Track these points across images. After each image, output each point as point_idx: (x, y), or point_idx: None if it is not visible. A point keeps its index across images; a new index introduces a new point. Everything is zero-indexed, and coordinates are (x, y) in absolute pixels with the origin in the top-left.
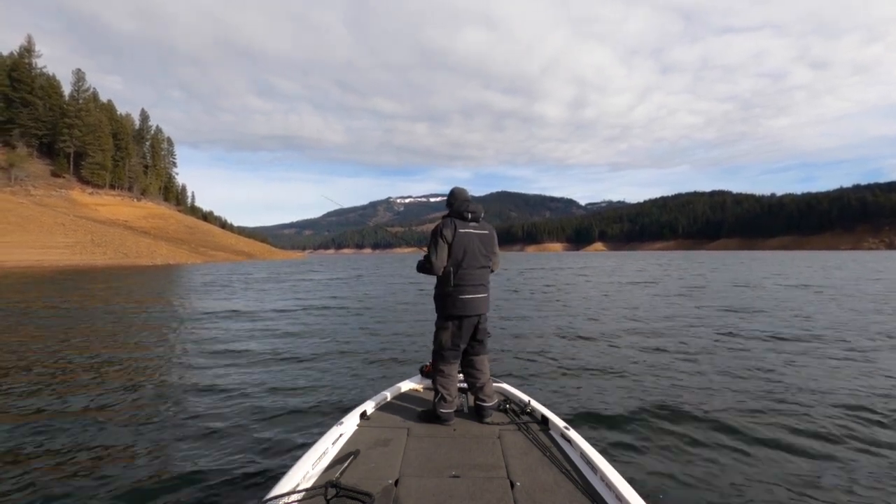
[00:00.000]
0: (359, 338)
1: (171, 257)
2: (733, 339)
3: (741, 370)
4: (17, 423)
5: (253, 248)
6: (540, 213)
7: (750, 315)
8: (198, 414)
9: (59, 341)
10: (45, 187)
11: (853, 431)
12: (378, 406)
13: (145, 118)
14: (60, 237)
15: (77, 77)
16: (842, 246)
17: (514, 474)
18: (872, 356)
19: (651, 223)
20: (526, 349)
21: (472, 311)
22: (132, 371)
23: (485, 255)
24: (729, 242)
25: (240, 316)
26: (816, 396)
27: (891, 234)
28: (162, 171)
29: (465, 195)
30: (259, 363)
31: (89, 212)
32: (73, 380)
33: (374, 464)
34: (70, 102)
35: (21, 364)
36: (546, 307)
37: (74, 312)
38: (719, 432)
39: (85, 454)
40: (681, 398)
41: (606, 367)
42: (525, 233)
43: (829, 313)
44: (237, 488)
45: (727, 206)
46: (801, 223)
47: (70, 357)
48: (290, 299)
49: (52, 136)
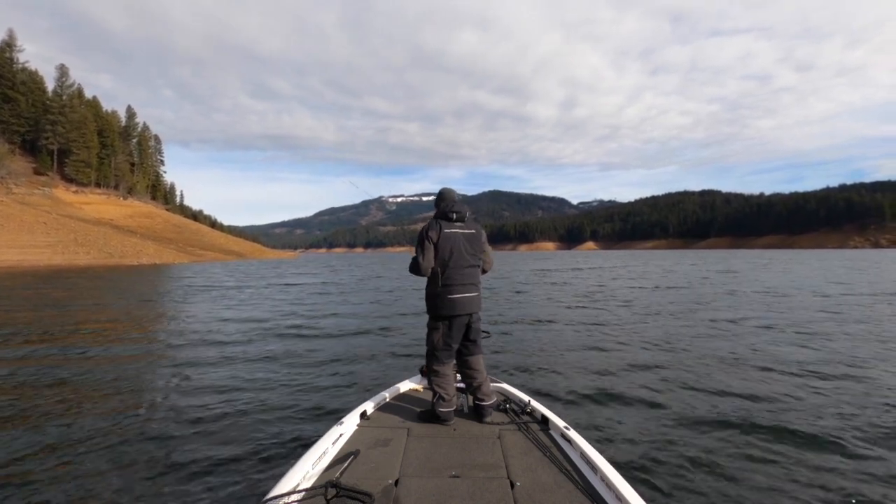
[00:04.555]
0: (359, 337)
1: (157, 257)
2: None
3: (755, 376)
4: (15, 426)
5: (243, 248)
6: (532, 213)
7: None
8: (196, 414)
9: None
10: (27, 185)
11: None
12: (378, 406)
13: (132, 115)
14: (42, 236)
15: (61, 72)
16: (829, 245)
17: (514, 474)
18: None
19: (642, 222)
20: (562, 359)
21: (462, 311)
22: (125, 369)
23: (472, 253)
24: (719, 241)
25: (235, 318)
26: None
27: (876, 233)
28: (149, 169)
29: (452, 196)
30: (259, 363)
31: (73, 210)
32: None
33: (374, 464)
34: (53, 98)
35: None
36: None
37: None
38: (720, 432)
39: (84, 454)
40: (687, 401)
41: (612, 368)
42: (518, 232)
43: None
44: (237, 488)
45: (717, 206)
46: (790, 222)
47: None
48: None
49: (35, 132)
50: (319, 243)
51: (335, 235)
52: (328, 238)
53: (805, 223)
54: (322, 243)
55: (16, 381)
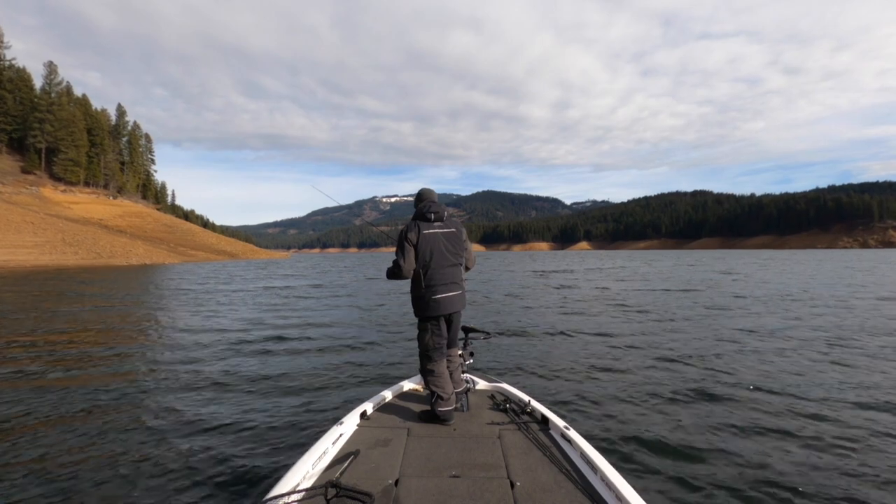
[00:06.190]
0: (359, 337)
1: (147, 257)
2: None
3: (757, 374)
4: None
5: (235, 248)
6: (526, 213)
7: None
8: (196, 414)
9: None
10: (14, 184)
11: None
12: (378, 406)
13: (122, 113)
14: (29, 236)
15: (49, 70)
16: (818, 245)
17: (514, 474)
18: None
19: (635, 223)
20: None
21: (447, 310)
22: (121, 371)
23: (453, 252)
24: (711, 242)
25: (233, 317)
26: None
27: (864, 233)
28: (140, 168)
29: (430, 196)
30: (258, 363)
31: (62, 210)
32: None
33: (374, 464)
34: (41, 96)
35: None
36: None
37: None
38: (721, 434)
39: (82, 455)
40: (689, 401)
41: (612, 368)
42: (511, 232)
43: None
44: (237, 488)
45: (708, 206)
46: (780, 223)
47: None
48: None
49: (23, 130)
50: (313, 243)
51: (329, 235)
52: (322, 238)
53: (795, 224)
54: (315, 243)
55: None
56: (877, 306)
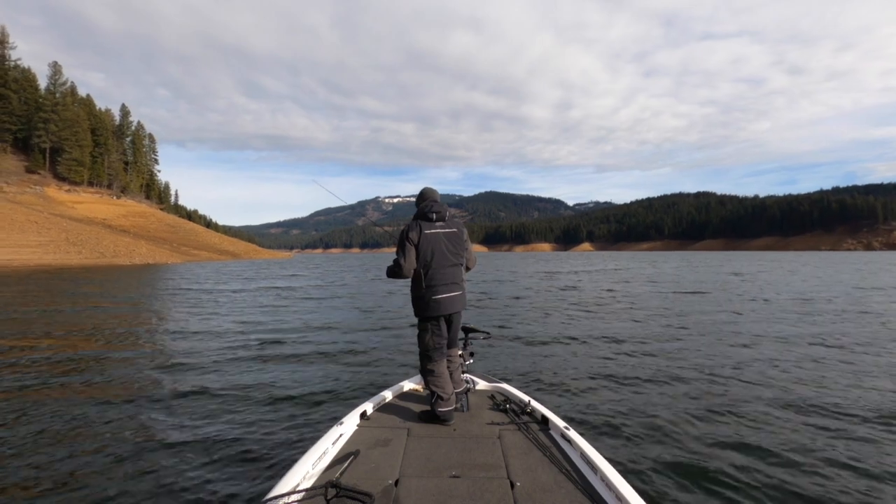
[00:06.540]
0: (358, 338)
1: (150, 257)
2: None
3: (758, 377)
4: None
5: (237, 248)
6: (528, 214)
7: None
8: (196, 414)
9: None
10: (18, 184)
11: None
12: (378, 406)
13: (126, 114)
14: (33, 235)
15: (54, 70)
16: (822, 247)
17: (514, 474)
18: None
19: (637, 224)
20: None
21: (447, 310)
22: (122, 371)
23: (454, 252)
24: (714, 243)
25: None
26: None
27: (868, 235)
28: (143, 168)
29: (433, 196)
30: (256, 364)
31: (65, 209)
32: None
33: (374, 464)
34: (46, 96)
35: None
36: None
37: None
38: (721, 433)
39: (82, 455)
40: (690, 402)
41: (614, 370)
42: (514, 233)
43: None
44: (237, 488)
45: (712, 207)
46: (784, 224)
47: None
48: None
49: (27, 130)
50: (315, 243)
51: (331, 236)
52: (324, 238)
53: (798, 225)
54: (318, 243)
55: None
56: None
